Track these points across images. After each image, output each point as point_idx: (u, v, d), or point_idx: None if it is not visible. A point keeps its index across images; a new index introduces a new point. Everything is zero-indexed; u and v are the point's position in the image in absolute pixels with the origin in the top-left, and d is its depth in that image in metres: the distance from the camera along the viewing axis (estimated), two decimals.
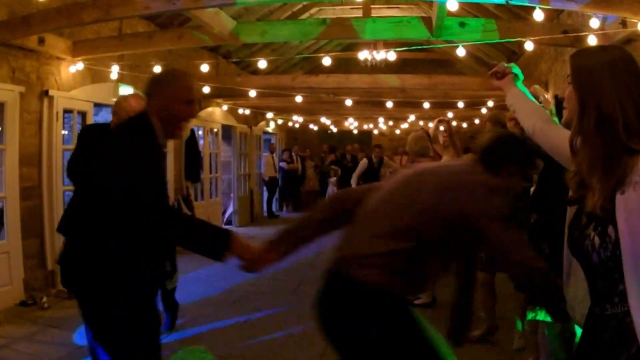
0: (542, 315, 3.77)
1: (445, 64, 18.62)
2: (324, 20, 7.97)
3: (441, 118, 6.61)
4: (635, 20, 6.03)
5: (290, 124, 19.65)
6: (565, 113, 2.23)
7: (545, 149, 2.50)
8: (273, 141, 19.28)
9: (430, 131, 6.93)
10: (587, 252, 1.79)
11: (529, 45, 7.53)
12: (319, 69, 15.29)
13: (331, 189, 17.76)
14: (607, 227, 1.73)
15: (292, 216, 12.57)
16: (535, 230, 3.93)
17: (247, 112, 15.30)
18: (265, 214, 17.55)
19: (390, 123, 19.63)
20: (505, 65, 2.93)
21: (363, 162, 12.50)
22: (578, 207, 1.90)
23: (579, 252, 1.84)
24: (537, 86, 3.98)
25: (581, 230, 1.83)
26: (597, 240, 1.75)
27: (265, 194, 17.82)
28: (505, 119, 4.95)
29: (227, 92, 11.49)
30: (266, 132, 18.71)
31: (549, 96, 7.60)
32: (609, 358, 1.71)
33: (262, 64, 9.52)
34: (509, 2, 6.02)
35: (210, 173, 13.45)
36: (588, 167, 1.79)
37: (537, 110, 2.65)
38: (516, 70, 2.90)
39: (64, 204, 7.98)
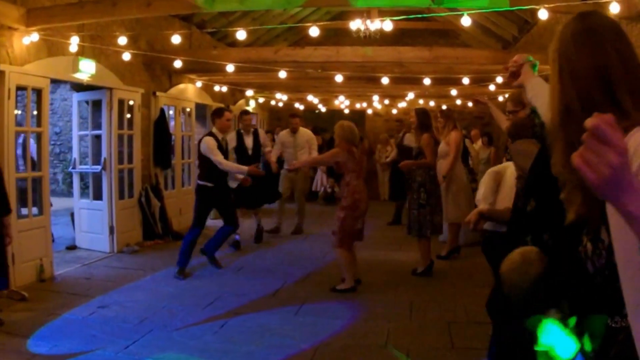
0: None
1: (448, 35, 18.64)
2: None
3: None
4: None
5: (272, 102, 19.61)
6: None
7: None
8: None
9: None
10: (582, 260, 1.75)
11: (542, 14, 7.53)
12: (306, 41, 15.26)
13: (320, 177, 17.77)
14: (600, 231, 1.69)
15: (275, 207, 12.55)
16: (534, 219, 3.96)
17: (224, 89, 15.27)
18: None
19: (386, 102, 19.63)
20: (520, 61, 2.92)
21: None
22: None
23: (573, 259, 1.79)
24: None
25: (574, 233, 1.78)
26: (589, 246, 1.72)
27: None
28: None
29: (201, 67, 11.45)
30: None
31: None
32: None
33: (241, 34, 9.47)
34: None
35: (183, 158, 13.42)
36: (563, 163, 1.73)
37: None
38: (534, 63, 2.90)
39: (17, 193, 7.96)
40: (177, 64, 10.83)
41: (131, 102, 10.84)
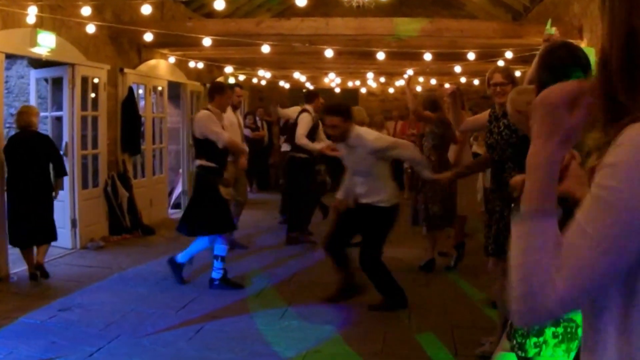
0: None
1: (451, 4, 18.65)
2: None
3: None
4: None
5: (255, 80, 19.57)
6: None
7: None
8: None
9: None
10: None
11: None
12: (291, 11, 15.22)
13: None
14: None
15: (260, 197, 12.50)
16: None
17: (200, 65, 15.22)
18: None
19: (382, 79, 19.62)
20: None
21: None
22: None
23: None
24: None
25: None
26: None
27: None
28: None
29: (174, 41, 11.43)
30: None
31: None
32: None
33: (219, 4, 9.46)
34: None
35: (154, 143, 13.38)
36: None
37: None
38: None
39: None
40: (148, 37, 10.78)
41: (96, 80, 10.79)
